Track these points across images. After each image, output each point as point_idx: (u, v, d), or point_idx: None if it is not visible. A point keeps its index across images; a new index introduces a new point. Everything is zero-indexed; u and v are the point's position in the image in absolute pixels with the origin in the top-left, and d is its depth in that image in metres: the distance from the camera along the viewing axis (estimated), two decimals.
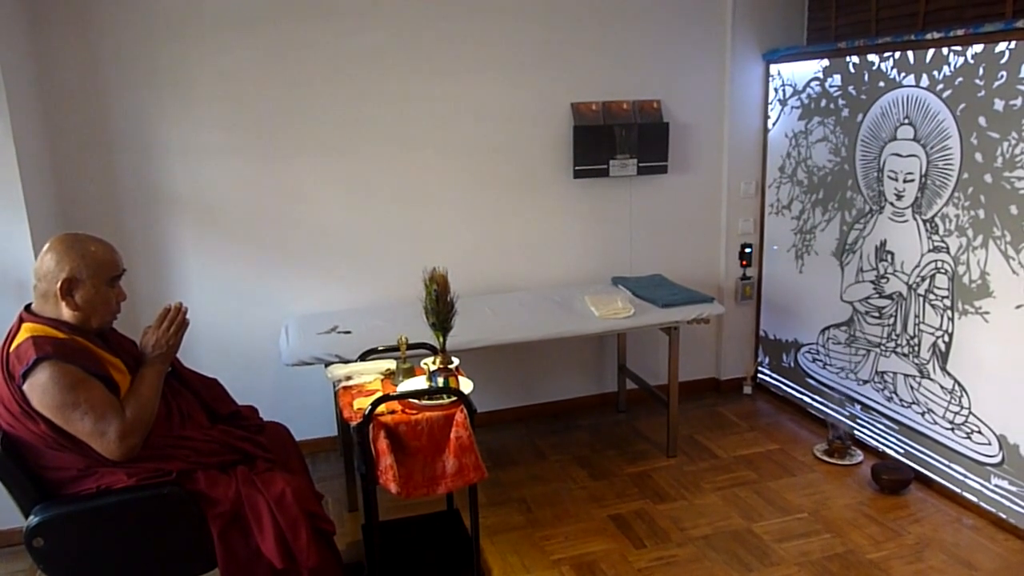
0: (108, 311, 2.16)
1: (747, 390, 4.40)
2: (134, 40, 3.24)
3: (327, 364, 2.96)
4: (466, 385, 2.53)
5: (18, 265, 2.88)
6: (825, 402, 3.90)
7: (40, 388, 1.96)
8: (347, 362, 2.90)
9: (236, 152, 3.45)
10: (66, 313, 2.09)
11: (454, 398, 2.43)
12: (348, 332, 3.25)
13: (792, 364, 4.13)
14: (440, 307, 2.42)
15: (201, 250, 3.49)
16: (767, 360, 4.34)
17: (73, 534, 2.06)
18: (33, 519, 2.01)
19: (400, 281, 3.71)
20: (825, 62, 3.70)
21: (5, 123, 2.79)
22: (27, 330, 2.05)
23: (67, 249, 2.09)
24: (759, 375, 4.41)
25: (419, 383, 2.57)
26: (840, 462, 3.54)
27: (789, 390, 4.18)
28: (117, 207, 3.36)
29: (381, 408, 2.39)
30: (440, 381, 2.45)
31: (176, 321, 2.26)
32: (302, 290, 3.64)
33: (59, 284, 2.06)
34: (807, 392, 4.03)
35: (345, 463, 3.23)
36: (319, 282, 3.66)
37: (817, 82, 3.76)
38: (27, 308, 2.15)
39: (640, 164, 3.90)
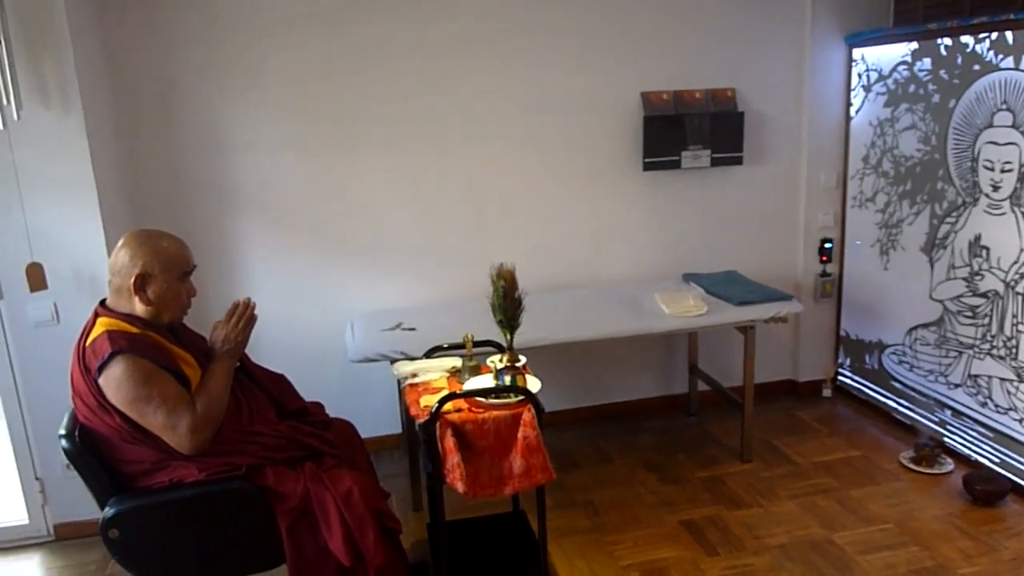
0: (179, 306, 2.24)
1: (826, 393, 4.29)
2: (200, 37, 3.33)
3: (392, 361, 3.01)
4: (534, 384, 2.53)
5: (92, 261, 3.00)
6: (912, 407, 3.77)
7: (115, 382, 2.04)
8: (413, 359, 2.93)
9: (300, 147, 3.52)
10: (139, 308, 2.17)
11: (521, 397, 2.43)
12: (413, 329, 3.28)
13: (876, 366, 3.99)
14: (507, 304, 2.43)
15: (267, 246, 3.58)
16: (848, 361, 4.21)
17: (146, 526, 2.14)
18: (109, 511, 2.10)
19: (465, 277, 3.73)
20: (914, 45, 3.56)
21: (79, 121, 2.91)
22: (102, 324, 2.14)
23: (140, 245, 2.17)
24: (839, 377, 4.29)
25: (485, 381, 2.58)
26: (928, 471, 3.41)
27: (872, 393, 4.05)
28: (185, 204, 3.47)
29: (448, 406, 2.41)
30: (507, 379, 2.46)
31: (245, 317, 2.32)
32: (367, 287, 3.70)
33: (132, 279, 2.15)
34: (892, 396, 3.90)
35: (410, 461, 3.27)
36: (384, 279, 3.71)
37: (905, 66, 3.62)
38: (102, 303, 2.24)
39: (713, 155, 3.83)
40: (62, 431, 2.13)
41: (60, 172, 2.93)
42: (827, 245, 4.14)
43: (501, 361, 2.50)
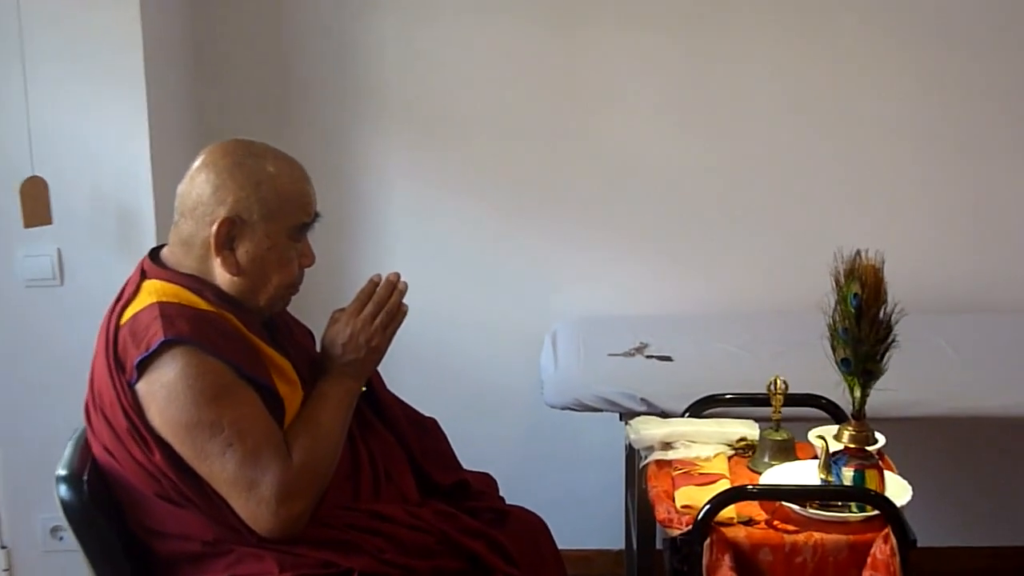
0: (286, 281, 2.31)
1: None
2: None
3: (626, 415, 3.04)
4: (899, 490, 2.50)
5: (126, 186, 3.25)
6: None
7: (165, 391, 2.14)
8: (666, 415, 2.95)
9: (492, 13, 3.65)
10: (220, 275, 2.26)
11: (874, 512, 2.40)
12: (667, 359, 3.32)
13: None
14: (864, 330, 2.39)
15: (416, 187, 3.77)
16: None
17: None
18: None
19: (770, 273, 3.78)
20: None
21: None
22: (151, 292, 2.23)
23: (234, 168, 2.24)
24: None
25: (804, 472, 2.57)
26: None
27: None
28: (285, 109, 3.71)
29: (728, 511, 2.41)
30: (848, 475, 2.44)
31: (390, 307, 2.39)
32: (586, 273, 3.82)
33: (216, 225, 2.22)
34: None
35: None
36: (618, 261, 3.81)
37: None
38: (153, 255, 2.35)
39: None
40: (62, 470, 2.26)
41: (89, 35, 3.17)
42: None
43: (839, 438, 2.48)
